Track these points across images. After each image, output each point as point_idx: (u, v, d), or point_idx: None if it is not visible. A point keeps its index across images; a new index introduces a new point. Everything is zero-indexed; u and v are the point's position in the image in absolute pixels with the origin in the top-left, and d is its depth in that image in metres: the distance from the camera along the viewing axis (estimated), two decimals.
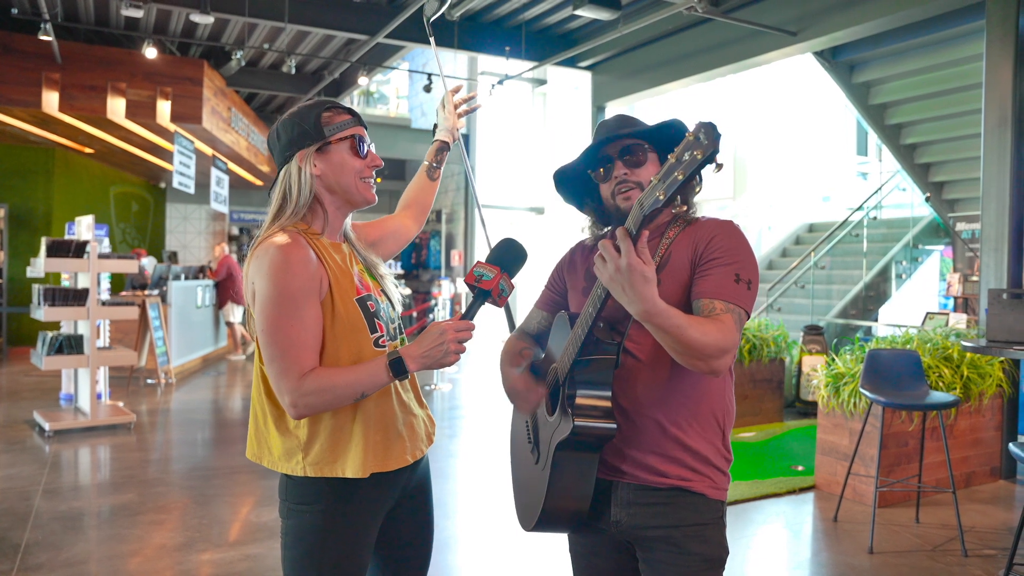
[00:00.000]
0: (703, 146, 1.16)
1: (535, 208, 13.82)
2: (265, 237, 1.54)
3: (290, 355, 1.46)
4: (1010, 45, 5.02)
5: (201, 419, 6.63)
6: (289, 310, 1.47)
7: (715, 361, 1.38)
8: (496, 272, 1.54)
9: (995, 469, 4.88)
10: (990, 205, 5.12)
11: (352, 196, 1.63)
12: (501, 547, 3.74)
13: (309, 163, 1.58)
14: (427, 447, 1.73)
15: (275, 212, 1.60)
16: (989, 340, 4.17)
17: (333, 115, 1.61)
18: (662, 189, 1.19)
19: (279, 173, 1.62)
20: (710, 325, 1.39)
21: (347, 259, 1.64)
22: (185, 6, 6.99)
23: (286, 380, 1.46)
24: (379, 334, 1.60)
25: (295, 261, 1.48)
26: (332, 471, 1.55)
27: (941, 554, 3.63)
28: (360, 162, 1.63)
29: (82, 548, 3.59)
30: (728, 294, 1.45)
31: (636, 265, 1.25)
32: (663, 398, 1.52)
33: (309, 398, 1.46)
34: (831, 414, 4.63)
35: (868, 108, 8.65)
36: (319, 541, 1.55)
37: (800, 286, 9.48)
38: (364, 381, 1.49)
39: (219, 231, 14.85)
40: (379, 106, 15.53)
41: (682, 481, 1.52)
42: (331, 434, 1.55)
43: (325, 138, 1.59)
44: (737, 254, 1.49)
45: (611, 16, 6.46)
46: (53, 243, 5.82)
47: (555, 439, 1.48)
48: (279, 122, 1.63)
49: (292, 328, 1.47)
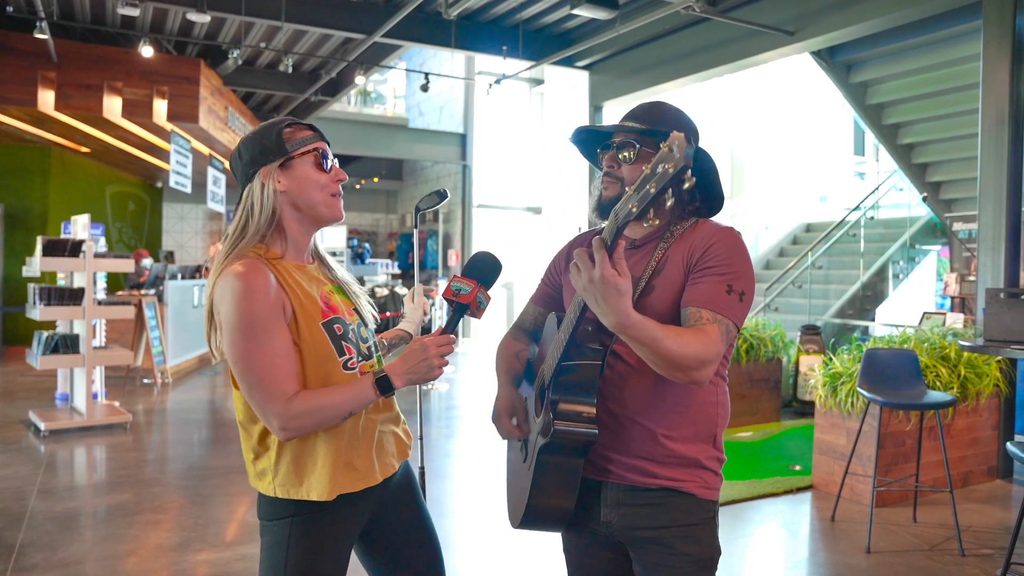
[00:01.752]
0: (674, 160, 1.14)
1: (532, 208, 13.81)
2: (224, 267, 1.51)
3: (270, 381, 1.45)
4: (1007, 45, 5.02)
5: (197, 419, 6.62)
6: (259, 337, 1.45)
7: (694, 373, 1.37)
8: (474, 285, 1.57)
9: (992, 468, 4.88)
10: (987, 205, 5.12)
11: (319, 212, 1.60)
12: (498, 547, 3.74)
13: (272, 179, 1.55)
14: (399, 462, 1.71)
15: (238, 233, 1.56)
16: (986, 340, 4.17)
17: (295, 131, 1.59)
18: (635, 201, 1.19)
19: (242, 193, 1.58)
20: (690, 336, 1.37)
21: (311, 281, 1.60)
22: (182, 5, 6.97)
23: (271, 405, 1.46)
24: (347, 356, 1.58)
25: (257, 287, 1.45)
26: (298, 493, 1.54)
27: (938, 553, 3.63)
28: (325, 176, 1.60)
29: (77, 548, 3.58)
30: (717, 304, 1.42)
31: (609, 277, 1.24)
32: (652, 404, 1.51)
33: (299, 420, 1.46)
34: (828, 414, 4.63)
35: (865, 108, 8.66)
36: (285, 558, 1.55)
37: (797, 286, 9.48)
38: (352, 400, 1.50)
39: (216, 230, 14.83)
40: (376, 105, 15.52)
41: (671, 482, 1.51)
42: (296, 456, 1.54)
43: (288, 153, 1.56)
44: (732, 264, 1.46)
45: (608, 15, 6.45)
46: (49, 242, 5.81)
47: (539, 442, 1.48)
48: (240, 142, 1.60)
49: (265, 355, 1.45)
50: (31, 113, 8.07)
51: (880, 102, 8.60)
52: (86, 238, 6.08)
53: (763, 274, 10.79)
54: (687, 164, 1.14)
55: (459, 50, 8.27)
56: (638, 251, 1.56)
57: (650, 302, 1.50)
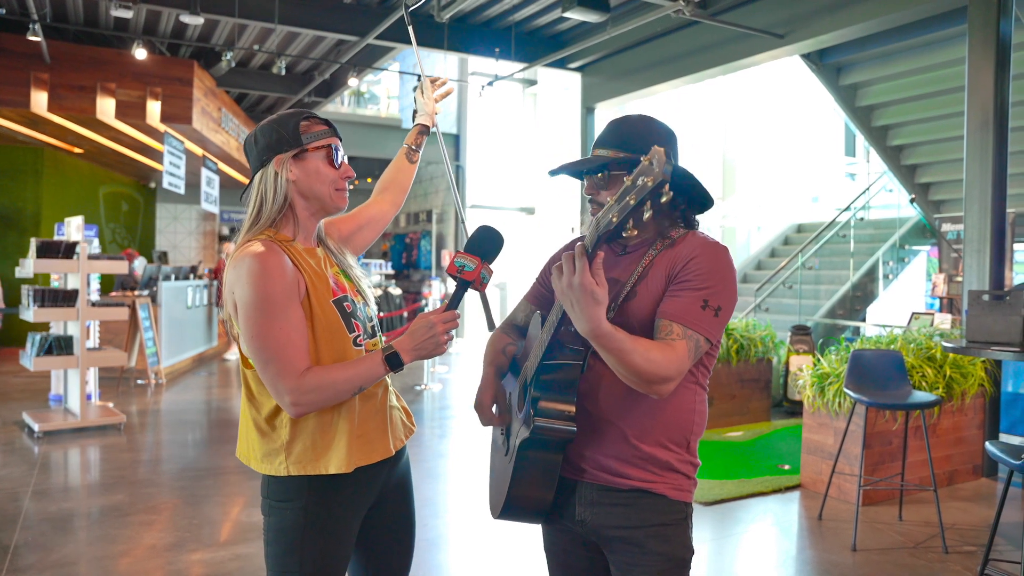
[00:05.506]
0: (653, 173, 1.18)
1: (526, 208, 13.86)
2: (239, 248, 1.58)
3: (284, 357, 1.51)
4: (991, 50, 5.08)
5: (191, 419, 6.63)
6: (273, 313, 1.51)
7: (657, 386, 1.41)
8: (477, 262, 1.60)
9: (977, 467, 4.95)
10: (973, 207, 5.18)
11: (325, 204, 1.68)
12: (489, 546, 3.78)
13: (285, 168, 1.63)
14: (406, 438, 1.79)
15: (253, 219, 1.64)
16: (969, 341, 4.23)
17: (311, 124, 1.66)
18: (615, 212, 1.23)
19: (253, 177, 1.67)
20: (657, 352, 1.40)
21: (321, 263, 1.69)
22: (175, 7, 6.99)
23: (284, 380, 1.50)
24: (356, 333, 1.66)
25: (272, 266, 1.52)
26: (315, 468, 1.59)
27: (922, 551, 3.69)
28: (334, 172, 1.67)
29: (72, 549, 3.60)
30: (690, 320, 1.45)
31: (587, 285, 1.28)
32: (626, 407, 1.54)
33: (310, 395, 1.51)
34: (816, 414, 4.69)
35: (855, 110, 8.74)
36: (300, 537, 1.59)
37: (788, 286, 9.54)
38: (363, 375, 1.55)
39: (209, 231, 14.82)
40: (370, 106, 15.52)
41: (643, 483, 1.53)
42: (314, 432, 1.60)
43: (303, 145, 1.64)
44: (711, 279, 1.48)
45: (600, 18, 6.50)
46: (43, 244, 5.82)
47: (519, 436, 1.53)
48: (258, 127, 1.67)
49: (280, 331, 1.51)
50: (24, 114, 8.07)
51: (870, 104, 8.68)
52: (80, 240, 6.09)
53: (754, 274, 10.86)
54: (665, 179, 1.18)
55: (452, 52, 8.31)
56: (628, 256, 1.60)
57: (632, 307, 1.53)
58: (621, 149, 1.57)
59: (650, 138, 1.57)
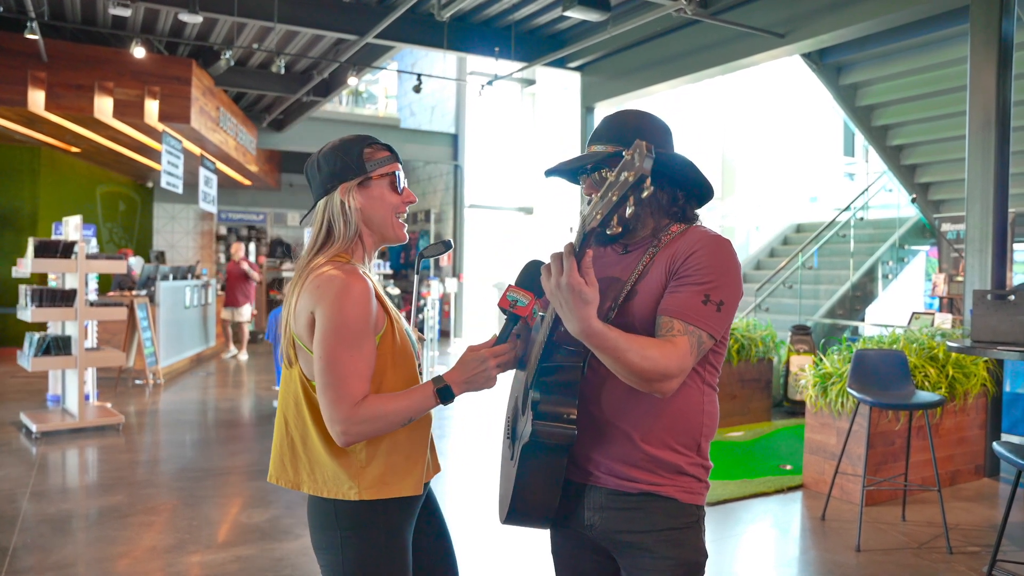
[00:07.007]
0: (635, 167, 1.15)
1: (524, 208, 13.84)
2: (318, 266, 1.56)
3: (345, 385, 1.49)
4: (993, 49, 5.07)
5: (190, 420, 6.61)
6: (350, 342, 1.50)
7: (658, 384, 1.38)
8: (531, 298, 1.56)
9: (980, 467, 4.94)
10: (974, 207, 5.17)
11: (386, 232, 1.67)
12: (492, 548, 3.75)
13: (351, 196, 1.61)
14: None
15: (321, 242, 1.62)
16: (974, 340, 4.22)
17: (375, 150, 1.65)
18: (600, 209, 1.20)
19: (315, 203, 1.65)
20: (655, 349, 1.37)
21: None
22: (173, 5, 6.95)
23: (339, 409, 1.48)
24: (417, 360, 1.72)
25: (359, 292, 1.51)
26: (390, 492, 1.58)
27: (927, 551, 3.68)
28: (397, 198, 1.67)
29: (70, 551, 3.58)
30: (691, 315, 1.41)
31: (575, 284, 1.26)
32: (632, 410, 1.50)
33: (362, 426, 1.49)
34: (819, 414, 4.68)
35: (855, 110, 8.73)
36: (386, 563, 1.58)
37: (788, 286, 9.54)
38: (414, 408, 1.54)
39: (207, 231, 14.78)
40: (368, 106, 15.49)
41: (651, 486, 1.50)
42: (389, 455, 1.59)
43: (367, 173, 1.62)
44: (712, 273, 1.43)
45: (600, 17, 6.48)
46: (40, 244, 5.79)
47: (522, 439, 1.51)
48: (320, 153, 1.64)
49: (352, 358, 1.50)
50: (21, 113, 8.02)
51: (870, 104, 8.67)
52: (78, 239, 6.06)
53: (754, 275, 10.85)
54: (645, 173, 1.15)
55: (451, 51, 8.28)
56: (629, 255, 1.57)
57: (633, 307, 1.50)
58: (616, 144, 1.54)
59: (645, 132, 1.55)
